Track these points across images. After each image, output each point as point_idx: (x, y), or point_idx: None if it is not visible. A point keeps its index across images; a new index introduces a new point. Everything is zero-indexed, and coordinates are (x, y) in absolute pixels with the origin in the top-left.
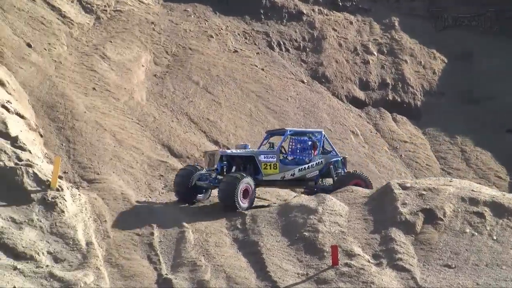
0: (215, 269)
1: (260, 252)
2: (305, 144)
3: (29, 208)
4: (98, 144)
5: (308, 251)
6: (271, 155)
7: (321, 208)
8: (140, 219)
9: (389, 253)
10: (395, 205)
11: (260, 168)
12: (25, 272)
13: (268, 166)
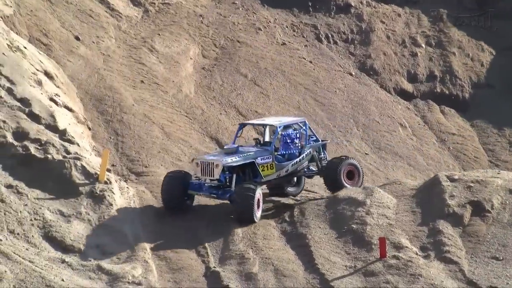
0: (263, 262)
1: (308, 244)
2: (293, 137)
3: (77, 201)
4: (146, 137)
5: (356, 244)
6: (266, 155)
7: (369, 201)
8: (188, 212)
9: (437, 245)
10: (443, 197)
11: (259, 171)
12: (73, 265)
13: (265, 168)
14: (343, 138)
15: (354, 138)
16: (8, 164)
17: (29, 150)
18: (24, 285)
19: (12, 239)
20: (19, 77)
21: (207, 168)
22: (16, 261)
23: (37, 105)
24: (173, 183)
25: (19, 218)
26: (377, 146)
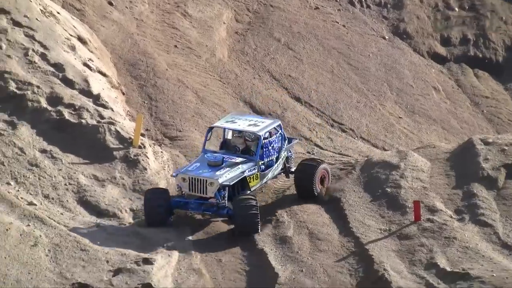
0: (297, 225)
1: (342, 208)
2: (273, 143)
3: (112, 165)
4: (180, 102)
5: (390, 207)
6: (252, 166)
7: (403, 164)
8: None
9: (471, 208)
10: (477, 160)
11: (247, 184)
12: (107, 230)
13: (252, 179)
14: (376, 102)
15: (388, 102)
16: (42, 129)
17: (63, 115)
18: (59, 250)
19: (47, 204)
20: (53, 43)
21: (198, 184)
22: (51, 226)
23: (70, 70)
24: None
25: (54, 183)
26: (410, 109)
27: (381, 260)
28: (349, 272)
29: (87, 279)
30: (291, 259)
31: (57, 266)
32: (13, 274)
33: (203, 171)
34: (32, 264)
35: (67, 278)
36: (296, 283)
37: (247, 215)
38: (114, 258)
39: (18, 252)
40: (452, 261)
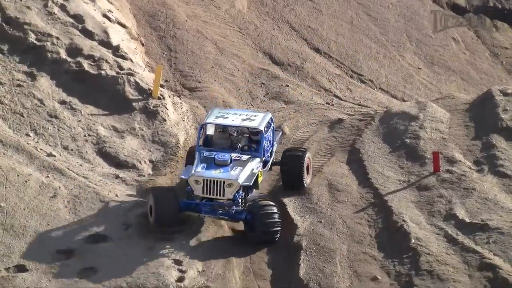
0: (317, 177)
1: (361, 159)
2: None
3: (131, 117)
4: (199, 53)
5: (409, 158)
6: (259, 163)
7: (422, 115)
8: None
9: (490, 159)
10: (496, 111)
11: (257, 182)
12: (127, 181)
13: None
14: (396, 52)
15: (407, 53)
16: (62, 80)
17: (82, 66)
18: (78, 201)
19: (66, 155)
20: None
21: (214, 186)
22: (70, 177)
23: (90, 22)
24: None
25: (73, 134)
26: (430, 60)
27: (400, 211)
28: (368, 223)
29: (106, 231)
30: (310, 210)
31: (76, 218)
32: (32, 225)
33: (215, 172)
34: (51, 216)
35: (86, 229)
36: (315, 234)
37: (268, 224)
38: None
39: (37, 204)
40: (471, 212)
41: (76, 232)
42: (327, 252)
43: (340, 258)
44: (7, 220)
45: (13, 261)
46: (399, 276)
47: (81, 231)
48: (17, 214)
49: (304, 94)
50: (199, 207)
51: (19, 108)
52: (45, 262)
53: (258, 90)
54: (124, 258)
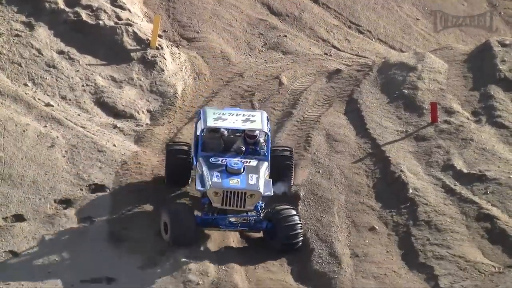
0: (316, 128)
1: (359, 109)
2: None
3: (129, 67)
4: (197, 3)
5: (407, 108)
6: (267, 168)
7: (421, 66)
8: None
9: (488, 110)
10: (494, 62)
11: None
12: (124, 131)
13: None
14: (394, 3)
15: (405, 3)
16: (60, 30)
17: (80, 16)
18: (76, 151)
19: (64, 105)
20: None
21: (234, 198)
22: (68, 127)
23: None
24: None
25: (71, 84)
26: (428, 11)
27: (398, 162)
28: (366, 173)
29: (104, 180)
30: (308, 160)
31: (74, 167)
32: (30, 175)
33: (233, 182)
34: (49, 165)
35: (84, 179)
36: (313, 184)
37: (290, 231)
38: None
39: (35, 153)
40: (468, 163)
41: (74, 182)
42: (324, 202)
43: (338, 208)
44: (4, 169)
45: (10, 211)
46: (397, 226)
47: (79, 180)
48: (15, 164)
49: (302, 45)
50: (217, 222)
51: (17, 58)
52: (43, 212)
53: (256, 40)
54: (122, 207)
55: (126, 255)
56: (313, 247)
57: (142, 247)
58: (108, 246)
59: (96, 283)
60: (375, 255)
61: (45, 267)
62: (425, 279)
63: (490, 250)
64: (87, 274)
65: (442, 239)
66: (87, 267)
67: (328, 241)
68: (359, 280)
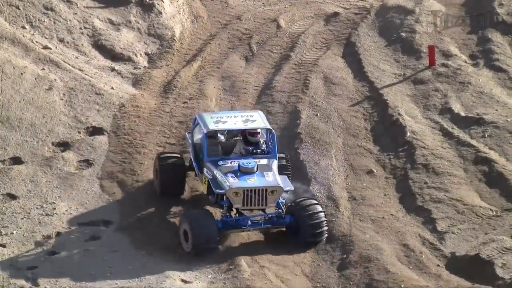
0: (314, 70)
1: (357, 52)
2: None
3: (127, 9)
4: None
5: (405, 52)
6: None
7: (418, 9)
8: (237, 20)
9: (486, 53)
10: (492, 5)
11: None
12: (122, 73)
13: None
14: None
15: None
16: None
17: None
18: (74, 93)
19: (61, 47)
20: None
21: (255, 196)
22: (66, 70)
23: None
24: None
25: (69, 26)
26: None
27: (396, 105)
28: (364, 116)
29: (102, 123)
30: (306, 103)
31: (71, 110)
32: (28, 117)
33: (251, 180)
34: (47, 108)
35: (82, 122)
36: (311, 128)
37: (315, 225)
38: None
39: (33, 96)
40: (466, 106)
41: (71, 125)
42: (322, 145)
43: (335, 152)
44: (2, 112)
45: (8, 153)
46: (395, 169)
47: (77, 123)
48: (12, 107)
49: None
50: (239, 223)
51: (14, 0)
52: (41, 155)
53: None
54: (120, 152)
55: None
56: (312, 190)
57: (142, 188)
58: (105, 189)
59: (93, 225)
60: (373, 198)
61: (42, 209)
62: (422, 222)
63: (488, 193)
64: (85, 217)
65: (439, 183)
66: (85, 209)
67: (326, 184)
68: (357, 223)
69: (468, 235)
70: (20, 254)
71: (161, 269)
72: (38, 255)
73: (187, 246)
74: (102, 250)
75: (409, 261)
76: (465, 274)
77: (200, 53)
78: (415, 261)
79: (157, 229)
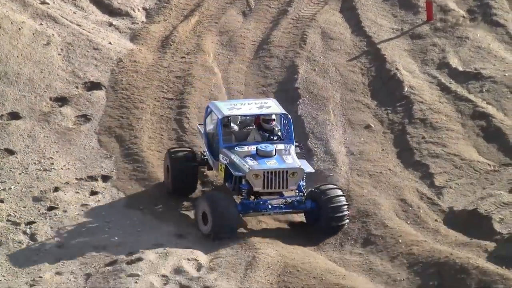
0: (311, 26)
1: (355, 7)
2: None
3: None
4: None
5: (403, 6)
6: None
7: None
8: None
9: (483, 8)
10: None
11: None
12: (120, 28)
13: None
14: None
15: None
16: None
17: None
18: (72, 48)
19: (59, 2)
20: None
21: (275, 178)
22: (64, 25)
23: None
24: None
25: None
26: None
27: (393, 60)
28: (361, 71)
29: (100, 78)
30: (303, 58)
31: (69, 65)
32: (25, 72)
33: (271, 163)
34: (44, 63)
35: (80, 77)
36: (308, 82)
37: (334, 209)
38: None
39: (30, 51)
40: (464, 61)
41: (69, 80)
42: (320, 100)
43: (333, 106)
44: (0, 67)
45: (6, 109)
46: (392, 124)
47: (75, 78)
48: (10, 62)
49: None
50: (259, 206)
51: None
52: (39, 110)
53: None
54: (118, 107)
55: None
56: (309, 146)
57: (140, 144)
58: (103, 144)
59: (91, 181)
60: (371, 153)
61: (40, 165)
62: (420, 177)
63: (486, 148)
64: (82, 172)
65: (437, 137)
66: (82, 164)
67: (324, 139)
68: (355, 178)
69: (466, 190)
70: (18, 209)
71: (158, 225)
72: (36, 210)
73: (205, 228)
74: (100, 205)
75: (407, 216)
76: (463, 229)
77: (197, 8)
78: (413, 216)
79: (155, 185)
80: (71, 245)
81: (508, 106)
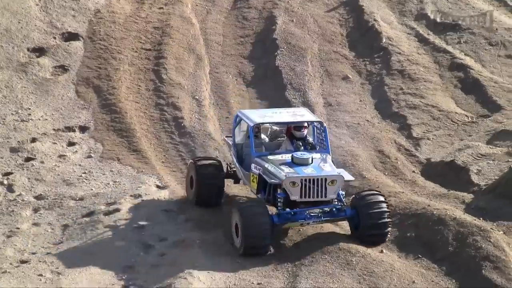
0: None
1: None
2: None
3: None
4: None
5: None
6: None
7: None
8: None
9: None
10: None
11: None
12: None
13: None
14: None
15: None
16: None
17: None
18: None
19: None
20: None
21: (314, 187)
22: None
23: None
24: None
25: None
26: None
27: (372, 11)
28: (340, 22)
29: (77, 29)
30: (281, 9)
31: (47, 16)
32: (3, 23)
33: (308, 170)
34: (22, 13)
35: (57, 27)
36: (286, 33)
37: (375, 216)
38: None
39: (8, 1)
40: (442, 12)
41: (47, 30)
42: (298, 51)
43: (311, 57)
44: None
45: None
46: (370, 75)
47: (52, 29)
48: None
49: None
50: (296, 216)
51: None
52: (16, 60)
53: None
54: (95, 57)
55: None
56: (287, 97)
57: (117, 94)
58: (81, 95)
59: (69, 131)
60: (348, 104)
61: (18, 115)
62: (398, 128)
63: (463, 99)
64: (60, 123)
65: (415, 89)
66: (60, 115)
67: (302, 90)
68: (332, 129)
69: (443, 141)
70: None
71: (136, 175)
72: (13, 161)
73: (238, 242)
74: (78, 156)
75: (385, 167)
76: (440, 180)
77: None
78: (391, 167)
79: (134, 135)
80: (48, 196)
81: (486, 57)
